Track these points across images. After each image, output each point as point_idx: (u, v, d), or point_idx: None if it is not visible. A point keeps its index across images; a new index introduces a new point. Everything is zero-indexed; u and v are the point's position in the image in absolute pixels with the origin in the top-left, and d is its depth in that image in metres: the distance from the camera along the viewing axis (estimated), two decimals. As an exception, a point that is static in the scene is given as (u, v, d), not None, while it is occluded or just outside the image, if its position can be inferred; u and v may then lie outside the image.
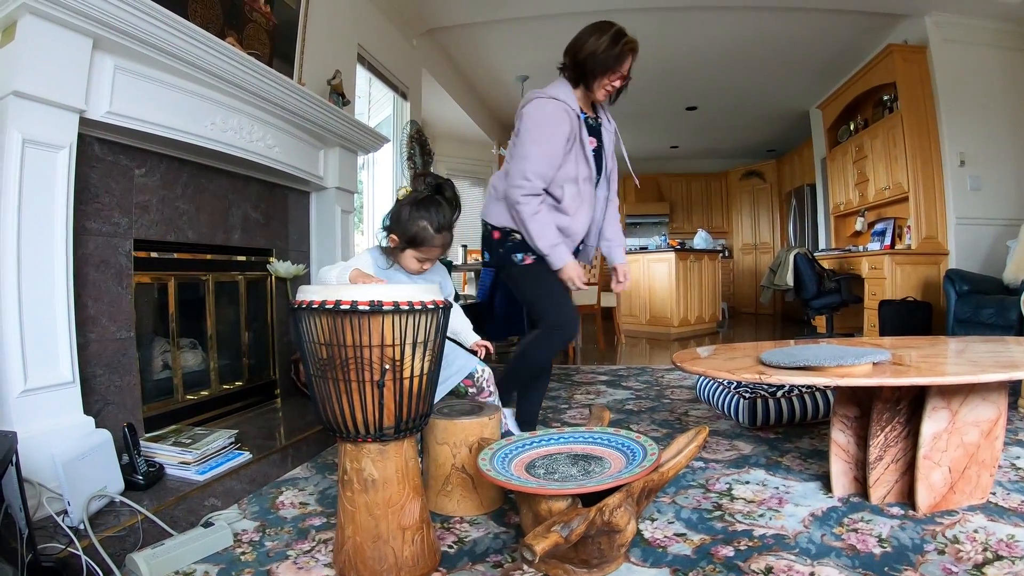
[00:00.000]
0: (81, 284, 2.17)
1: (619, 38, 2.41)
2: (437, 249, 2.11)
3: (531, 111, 2.45)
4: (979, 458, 1.93)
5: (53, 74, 1.92)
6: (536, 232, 2.45)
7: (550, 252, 2.47)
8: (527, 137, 2.44)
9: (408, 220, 2.06)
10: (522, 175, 2.42)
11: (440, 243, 2.09)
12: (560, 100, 2.44)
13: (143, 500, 1.91)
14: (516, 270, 2.59)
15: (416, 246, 2.08)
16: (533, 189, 2.43)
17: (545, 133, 2.42)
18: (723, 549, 1.72)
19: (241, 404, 3.12)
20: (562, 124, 2.43)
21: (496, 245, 2.61)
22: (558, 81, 2.53)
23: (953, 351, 2.34)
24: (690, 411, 3.43)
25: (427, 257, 2.13)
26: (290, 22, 3.52)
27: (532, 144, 2.42)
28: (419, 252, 2.10)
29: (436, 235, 2.07)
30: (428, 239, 2.07)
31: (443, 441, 2.07)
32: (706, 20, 6.16)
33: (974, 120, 5.77)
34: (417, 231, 2.05)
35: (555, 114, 2.43)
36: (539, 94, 2.47)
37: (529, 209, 2.43)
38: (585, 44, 2.42)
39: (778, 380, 1.85)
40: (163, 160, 2.61)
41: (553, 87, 2.49)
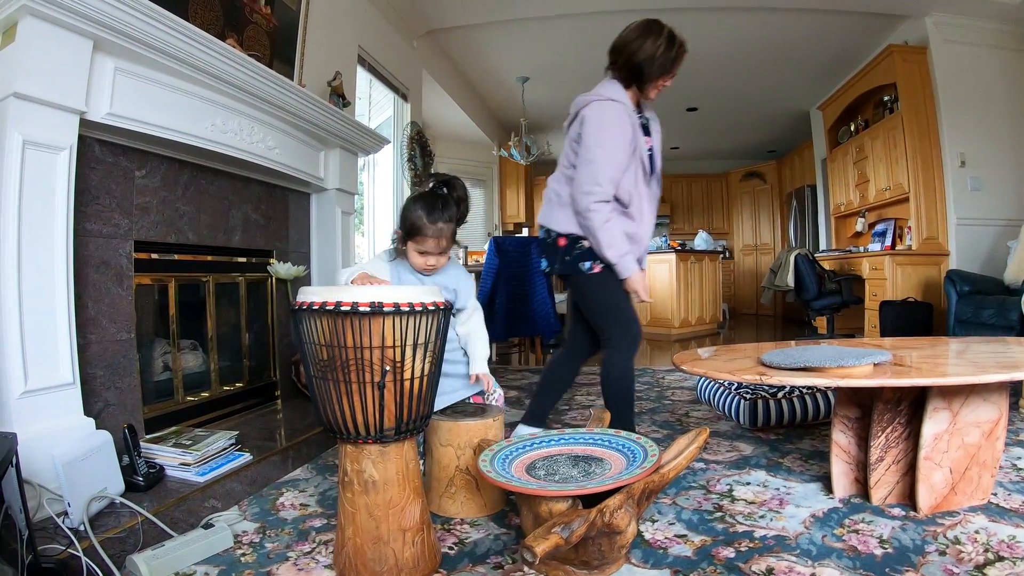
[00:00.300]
0: (81, 285, 2.18)
1: (674, 40, 2.39)
2: (432, 240, 2.10)
3: (594, 115, 2.38)
4: (980, 459, 1.93)
5: (53, 76, 1.92)
6: (607, 241, 2.36)
7: (619, 261, 2.39)
8: (593, 141, 2.36)
9: (407, 211, 2.09)
10: (593, 181, 2.34)
11: (432, 233, 2.08)
12: (620, 102, 2.40)
13: (143, 501, 1.91)
14: (583, 279, 2.49)
15: (412, 237, 2.10)
16: (604, 195, 2.34)
17: (611, 137, 2.35)
18: (724, 550, 1.71)
19: (241, 405, 3.13)
20: (625, 127, 2.37)
21: (562, 253, 2.51)
22: (608, 82, 2.47)
23: (954, 352, 2.33)
24: (691, 412, 3.42)
25: (426, 250, 2.13)
26: (290, 24, 3.52)
27: (599, 148, 2.35)
28: (417, 244, 2.11)
29: (429, 224, 2.07)
30: (422, 228, 2.07)
31: (447, 443, 2.07)
32: (706, 21, 6.16)
33: (974, 121, 5.76)
34: (413, 220, 2.07)
35: (618, 117, 2.37)
36: (597, 97, 2.41)
37: (600, 217, 2.34)
38: (642, 48, 2.36)
39: (779, 381, 1.84)
40: (163, 161, 2.61)
41: (608, 89, 2.44)
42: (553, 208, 2.54)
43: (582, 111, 2.43)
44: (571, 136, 2.51)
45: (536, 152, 8.43)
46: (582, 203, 2.36)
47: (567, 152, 2.52)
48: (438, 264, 2.19)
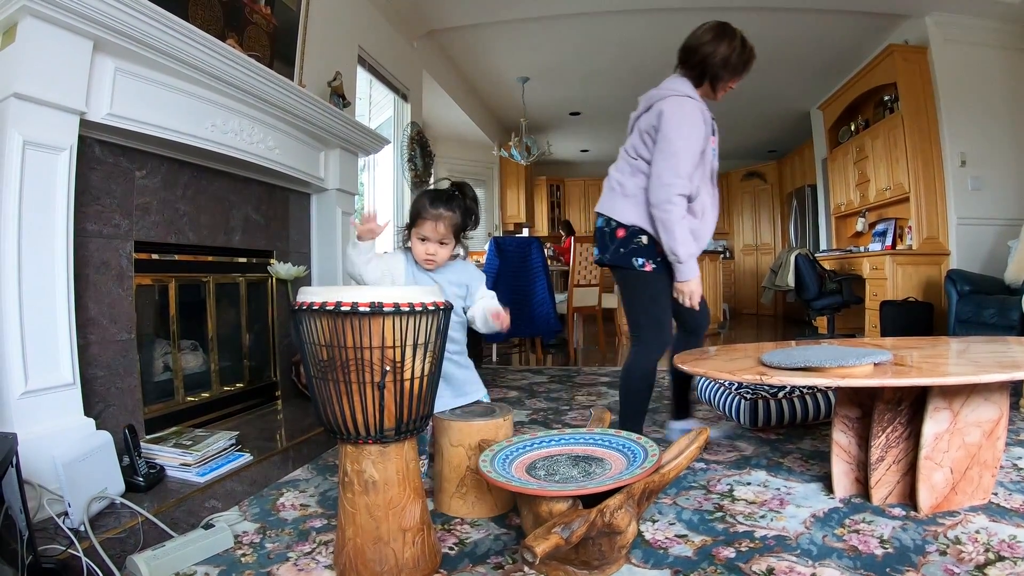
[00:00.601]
0: (82, 286, 2.18)
1: (745, 44, 2.51)
2: (429, 223, 2.16)
3: (672, 109, 2.38)
4: (981, 459, 1.93)
5: (54, 76, 1.92)
6: (681, 237, 2.36)
7: (687, 260, 2.40)
8: (674, 135, 2.36)
9: (414, 201, 2.19)
10: (674, 173, 2.34)
11: (431, 217, 2.14)
12: (697, 100, 2.43)
13: (144, 502, 1.91)
14: (632, 274, 2.50)
15: (414, 223, 2.18)
16: (685, 188, 2.35)
17: (690, 131, 2.38)
18: (724, 550, 1.71)
19: (242, 406, 3.12)
20: (699, 124, 2.41)
21: (618, 244, 2.51)
22: (679, 79, 2.51)
23: (954, 351, 2.33)
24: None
25: (425, 235, 2.18)
26: (290, 24, 3.52)
27: (680, 140, 2.36)
28: (417, 230, 2.18)
29: (430, 209, 2.14)
30: (421, 211, 2.15)
31: (458, 443, 2.06)
32: (707, 21, 6.15)
33: (975, 120, 5.76)
34: (416, 207, 2.17)
35: (695, 113, 2.40)
36: (675, 92, 2.42)
37: (679, 212, 2.35)
38: (717, 50, 2.45)
39: (779, 381, 1.84)
40: (164, 162, 2.61)
41: (682, 85, 2.47)
42: (616, 198, 2.54)
43: (657, 104, 2.43)
44: (642, 128, 2.49)
45: (536, 152, 8.43)
46: (661, 195, 2.35)
47: (635, 144, 2.51)
48: (438, 256, 2.23)
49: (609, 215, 2.55)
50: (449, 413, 2.16)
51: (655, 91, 2.50)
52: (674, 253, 2.38)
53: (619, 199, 2.52)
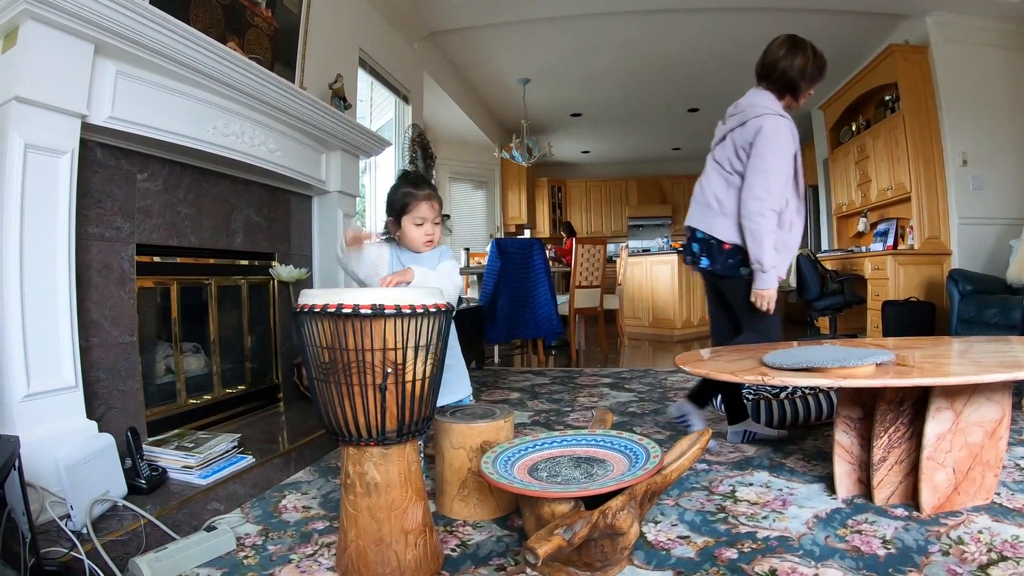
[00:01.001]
0: (84, 289, 2.18)
1: (816, 52, 2.61)
2: (425, 203, 2.29)
3: (770, 128, 2.52)
4: (983, 459, 1.92)
5: (55, 79, 1.92)
6: (768, 248, 2.51)
7: (770, 271, 2.54)
8: (768, 153, 2.51)
9: (393, 195, 2.32)
10: (766, 189, 2.50)
11: (424, 198, 2.28)
12: (787, 118, 2.58)
13: (146, 504, 1.91)
14: (740, 282, 2.66)
15: (406, 210, 2.28)
16: (775, 204, 2.52)
17: (783, 151, 2.54)
18: (727, 551, 1.71)
19: (244, 408, 3.12)
20: (791, 143, 2.57)
21: (726, 255, 2.67)
22: (763, 94, 2.65)
23: (956, 351, 2.33)
24: (693, 413, 3.41)
25: (422, 217, 2.29)
26: (291, 26, 3.52)
27: (773, 159, 2.51)
28: (412, 215, 2.29)
29: (419, 191, 2.28)
30: (413, 196, 2.27)
31: (459, 445, 2.06)
32: (707, 22, 6.17)
33: (976, 120, 5.76)
34: (402, 198, 2.28)
35: (789, 131, 2.56)
36: (769, 110, 2.56)
37: (769, 225, 2.51)
38: (793, 63, 2.57)
39: (781, 381, 1.84)
40: (165, 165, 2.61)
41: (770, 101, 2.61)
42: (716, 216, 2.68)
43: (754, 121, 2.56)
44: (738, 143, 2.63)
45: (537, 154, 8.44)
46: (753, 207, 2.52)
47: (730, 158, 2.66)
48: (435, 235, 2.34)
49: (709, 232, 2.70)
50: (449, 416, 2.16)
51: (748, 107, 2.63)
52: (759, 262, 2.52)
53: (719, 217, 2.67)
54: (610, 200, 12.81)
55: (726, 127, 2.72)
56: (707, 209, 2.72)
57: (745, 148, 2.58)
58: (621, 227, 12.63)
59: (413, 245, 2.33)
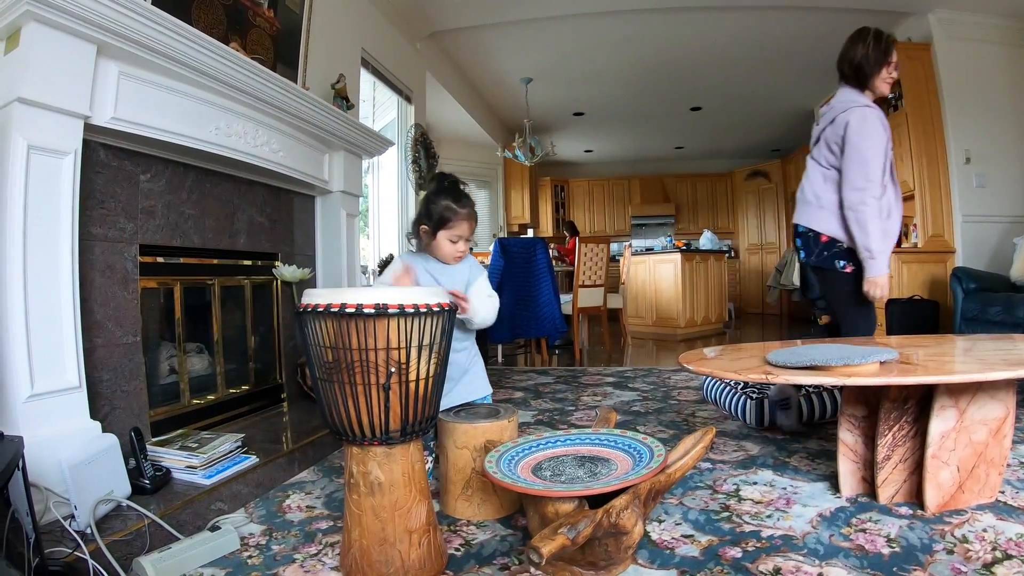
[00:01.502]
0: (87, 289, 2.18)
1: (880, 35, 2.71)
2: (465, 223, 2.24)
3: (857, 119, 2.62)
4: (988, 457, 1.92)
5: (57, 81, 1.93)
6: (875, 234, 2.59)
7: (880, 257, 2.62)
8: (860, 143, 2.61)
9: (433, 204, 2.22)
10: (865, 178, 2.59)
11: (464, 216, 2.22)
12: (875, 107, 2.66)
13: (150, 504, 1.91)
14: (834, 274, 2.78)
15: (445, 225, 2.22)
16: (876, 192, 2.59)
17: (875, 138, 2.61)
18: (731, 550, 1.71)
19: (247, 408, 3.13)
20: (880, 130, 2.63)
21: (822, 248, 2.80)
22: (848, 90, 2.75)
23: (961, 349, 2.32)
24: (697, 412, 3.42)
25: (459, 235, 2.25)
26: (293, 27, 3.53)
27: (868, 150, 2.60)
28: (450, 231, 2.23)
29: (460, 209, 2.21)
30: (455, 212, 2.21)
31: (463, 445, 2.05)
32: (709, 20, 6.16)
33: (979, 117, 5.74)
34: (443, 211, 2.21)
35: (877, 120, 2.63)
36: (855, 104, 2.66)
37: (872, 211, 2.59)
38: (854, 52, 2.72)
39: (785, 380, 1.84)
40: (168, 165, 2.62)
41: (856, 96, 2.70)
42: (813, 210, 2.83)
43: (841, 117, 2.68)
44: (829, 139, 2.74)
45: (540, 153, 8.44)
46: (854, 197, 2.62)
47: (825, 155, 2.78)
48: (465, 250, 2.31)
49: (809, 226, 2.84)
50: (453, 415, 2.15)
51: (836, 104, 2.75)
52: (868, 249, 2.61)
53: (815, 211, 2.81)
54: (613, 199, 12.80)
55: (819, 127, 2.83)
56: (806, 205, 2.87)
57: (838, 143, 2.69)
58: (624, 226, 12.62)
59: (444, 258, 2.29)
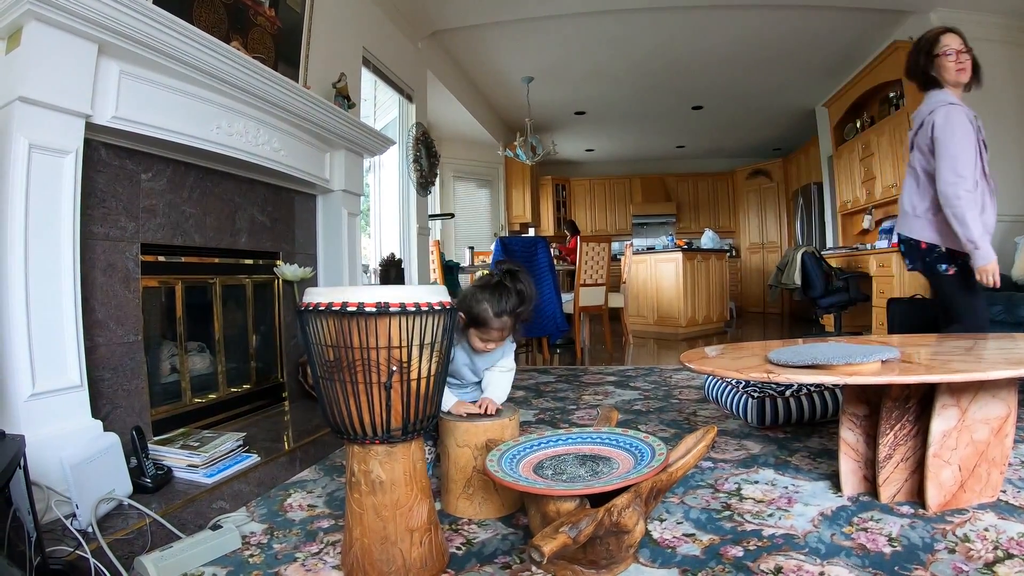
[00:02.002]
0: (88, 288, 2.18)
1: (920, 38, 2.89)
2: (496, 332, 2.19)
3: (940, 118, 2.73)
4: (989, 456, 1.92)
5: (59, 80, 1.93)
6: (973, 225, 2.65)
7: (983, 245, 2.66)
8: (947, 139, 2.70)
9: (472, 300, 2.17)
10: (955, 172, 2.67)
11: (498, 327, 2.17)
12: (957, 103, 2.76)
13: (151, 503, 1.91)
14: (941, 278, 2.91)
15: (477, 326, 2.18)
16: (968, 185, 2.66)
17: (962, 133, 2.70)
18: (732, 549, 1.71)
19: (249, 407, 3.13)
20: (966, 124, 2.72)
21: (923, 254, 2.93)
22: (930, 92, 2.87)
23: (962, 348, 2.32)
24: (698, 411, 3.42)
25: (488, 338, 2.21)
26: (294, 26, 3.53)
27: (955, 145, 2.68)
28: (481, 333, 2.20)
29: (495, 319, 2.15)
30: (487, 320, 2.15)
31: (464, 444, 2.05)
32: (711, 19, 6.15)
33: (980, 116, 5.69)
34: (479, 312, 2.15)
35: (963, 116, 2.72)
36: (939, 103, 2.77)
37: (968, 203, 2.65)
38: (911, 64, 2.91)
39: (786, 379, 1.84)
40: (169, 164, 2.62)
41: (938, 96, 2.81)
42: (910, 219, 2.96)
43: (927, 119, 2.80)
44: (921, 144, 2.86)
45: (541, 152, 8.43)
46: (949, 192, 2.69)
47: (919, 160, 2.89)
48: (495, 347, 2.28)
49: (908, 235, 2.97)
50: (454, 414, 2.15)
51: (923, 107, 2.87)
52: (971, 241, 2.67)
53: (912, 220, 2.95)
54: (614, 198, 12.80)
55: (911, 134, 2.94)
56: (904, 215, 3.00)
57: (928, 145, 2.79)
58: (625, 225, 12.61)
59: (472, 346, 2.27)
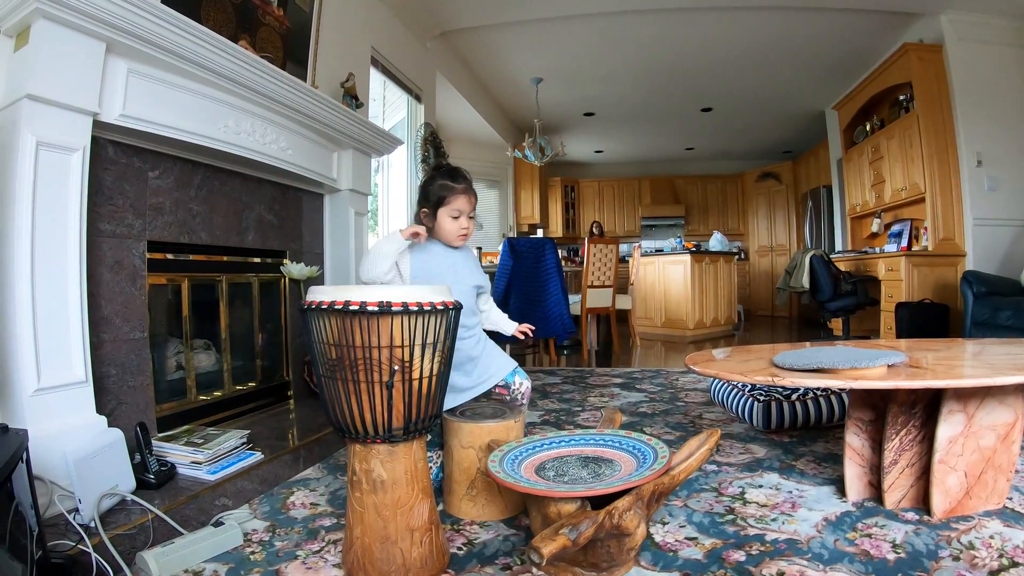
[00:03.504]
0: (95, 285, 2.20)
1: None
2: (463, 197, 2.22)
3: None
4: (995, 462, 1.90)
5: (67, 77, 1.94)
6: None
7: None
8: None
9: (429, 186, 2.23)
10: None
11: (463, 190, 2.22)
12: None
13: (154, 499, 1.92)
14: None
15: (444, 203, 2.21)
16: None
17: None
18: (735, 553, 1.70)
19: (254, 405, 3.14)
20: None
21: None
22: None
23: (970, 353, 2.31)
24: (704, 414, 3.40)
25: (459, 209, 2.23)
26: (303, 25, 3.53)
27: None
28: (449, 208, 2.22)
29: (457, 184, 2.21)
30: (451, 189, 2.20)
31: (468, 445, 2.04)
32: (720, 21, 6.14)
33: (991, 120, 5.70)
34: (438, 190, 2.21)
35: None
36: None
37: None
38: None
39: (791, 382, 1.83)
40: (177, 162, 2.63)
41: None
42: None
43: None
44: None
45: (550, 153, 8.42)
46: None
47: None
48: (471, 228, 2.28)
49: None
50: (459, 415, 2.14)
51: None
52: None
53: None
54: (623, 200, 12.77)
55: None
56: None
57: None
58: (634, 227, 12.59)
59: (448, 238, 2.27)
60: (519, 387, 2.39)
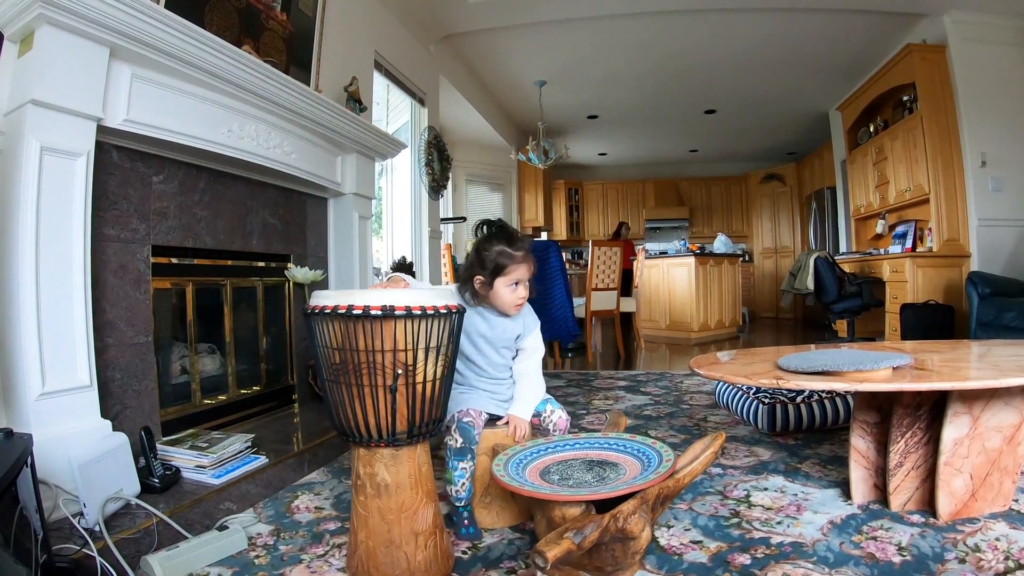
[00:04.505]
0: (99, 289, 2.20)
1: None
2: (523, 266, 2.06)
3: None
4: (1001, 464, 1.89)
5: (71, 83, 1.94)
6: None
7: None
8: None
9: (485, 252, 2.05)
10: None
11: (522, 259, 2.05)
12: None
13: (159, 503, 1.92)
14: None
15: (503, 272, 2.04)
16: None
17: None
18: (740, 557, 1.70)
19: (259, 409, 3.14)
20: None
21: None
22: None
23: (975, 355, 2.30)
24: (709, 417, 3.40)
25: (518, 279, 2.06)
26: (306, 30, 3.54)
27: None
28: (507, 277, 2.05)
29: (517, 252, 2.04)
30: (512, 257, 2.03)
31: (483, 452, 2.02)
32: (724, 23, 6.13)
33: (995, 120, 5.68)
34: (497, 256, 2.03)
35: None
36: None
37: None
38: None
39: (795, 385, 1.82)
40: (181, 167, 2.63)
41: None
42: None
43: None
44: None
45: (554, 156, 8.42)
46: None
47: None
48: (526, 296, 2.12)
49: None
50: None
51: None
52: None
53: None
54: (627, 202, 12.78)
55: None
56: None
57: None
58: (638, 229, 12.58)
59: (504, 308, 2.10)
60: (550, 415, 2.20)
